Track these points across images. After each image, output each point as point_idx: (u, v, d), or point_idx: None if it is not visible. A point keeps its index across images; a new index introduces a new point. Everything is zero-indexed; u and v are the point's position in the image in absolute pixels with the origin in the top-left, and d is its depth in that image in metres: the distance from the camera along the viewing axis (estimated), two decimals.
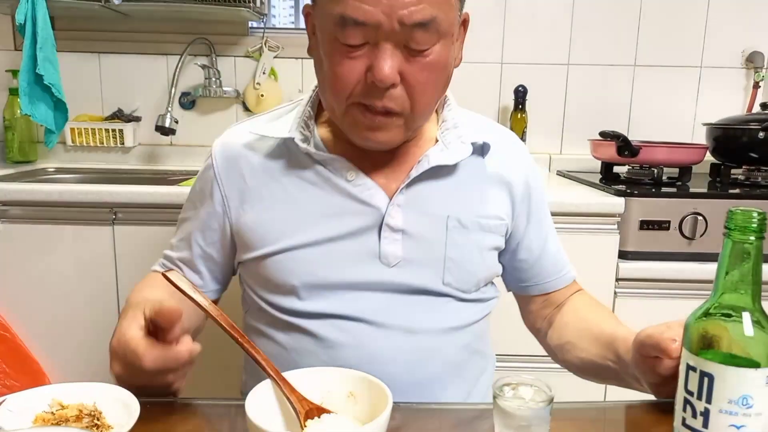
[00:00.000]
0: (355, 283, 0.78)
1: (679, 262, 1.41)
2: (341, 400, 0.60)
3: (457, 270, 0.80)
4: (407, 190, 0.79)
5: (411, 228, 0.79)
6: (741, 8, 1.87)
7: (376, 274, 0.78)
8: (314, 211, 0.79)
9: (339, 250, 0.78)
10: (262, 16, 1.81)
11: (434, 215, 0.80)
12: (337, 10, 0.66)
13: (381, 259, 0.78)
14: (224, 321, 0.61)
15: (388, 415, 0.52)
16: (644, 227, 1.42)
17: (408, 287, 0.79)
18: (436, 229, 0.80)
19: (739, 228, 0.50)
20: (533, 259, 0.89)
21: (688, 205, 1.41)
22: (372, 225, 0.78)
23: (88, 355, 1.46)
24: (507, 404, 0.57)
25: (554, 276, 0.91)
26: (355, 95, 0.70)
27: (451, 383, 0.81)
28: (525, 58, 1.90)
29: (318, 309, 0.78)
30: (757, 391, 0.50)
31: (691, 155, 1.60)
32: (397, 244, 0.78)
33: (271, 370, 0.59)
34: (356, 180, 0.78)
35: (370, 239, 0.78)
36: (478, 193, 0.83)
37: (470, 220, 0.81)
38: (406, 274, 0.79)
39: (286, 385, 0.58)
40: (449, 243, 0.80)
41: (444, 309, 0.81)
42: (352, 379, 0.60)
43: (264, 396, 0.57)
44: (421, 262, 0.79)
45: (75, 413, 0.58)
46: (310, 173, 0.79)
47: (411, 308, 0.79)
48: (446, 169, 0.80)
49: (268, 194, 0.80)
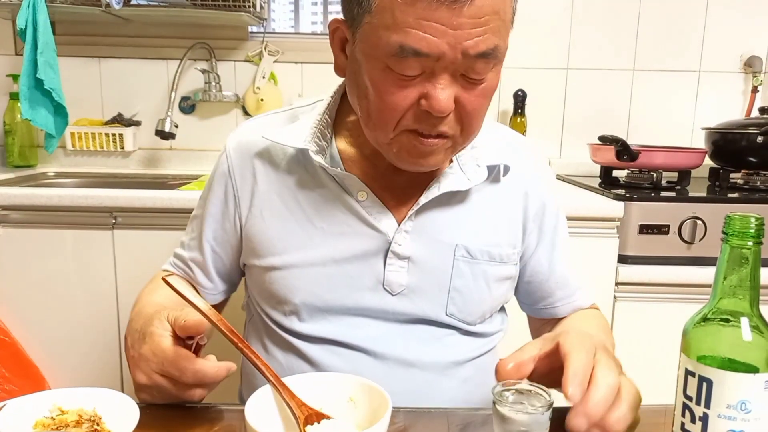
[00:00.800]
0: (356, 308, 0.77)
1: (679, 266, 1.41)
2: (341, 406, 0.60)
3: (462, 301, 0.78)
4: (417, 216, 0.76)
5: (418, 256, 0.76)
6: (739, 13, 1.87)
7: (378, 301, 0.77)
8: (322, 228, 0.77)
9: (343, 273, 0.76)
10: (262, 20, 1.81)
11: (442, 243, 0.77)
12: (395, 39, 0.60)
13: (385, 286, 0.76)
14: (224, 326, 0.61)
15: (387, 420, 0.52)
16: (644, 231, 1.42)
17: (410, 316, 0.78)
18: (443, 258, 0.77)
19: (737, 233, 0.50)
20: (539, 282, 0.86)
21: (688, 209, 1.41)
22: (378, 250, 0.76)
23: (88, 359, 1.46)
24: (506, 409, 0.57)
25: (563, 301, 0.87)
26: (406, 122, 0.66)
27: None
28: (524, 63, 1.90)
29: (317, 332, 0.77)
30: (755, 396, 0.50)
31: (690, 159, 1.61)
32: (402, 272, 0.76)
33: (271, 376, 0.59)
34: (366, 201, 0.76)
35: (376, 265, 0.76)
36: (491, 220, 0.79)
37: (480, 249, 0.78)
38: (409, 303, 0.77)
39: (286, 390, 0.58)
40: (455, 273, 0.77)
41: (446, 342, 0.79)
42: (351, 385, 0.60)
43: (264, 401, 0.57)
44: (425, 292, 0.77)
45: (75, 418, 0.58)
46: (321, 188, 0.77)
47: (412, 339, 0.78)
48: (459, 195, 0.77)
49: (278, 202, 0.78)
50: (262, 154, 0.80)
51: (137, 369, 0.64)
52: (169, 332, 0.63)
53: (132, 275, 1.43)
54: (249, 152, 0.80)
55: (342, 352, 0.77)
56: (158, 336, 0.63)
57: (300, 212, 0.77)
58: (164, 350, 0.62)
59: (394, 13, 0.60)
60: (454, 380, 0.79)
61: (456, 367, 0.79)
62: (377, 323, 0.77)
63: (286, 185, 0.78)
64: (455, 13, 0.58)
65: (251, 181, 0.79)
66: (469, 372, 0.81)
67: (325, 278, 0.76)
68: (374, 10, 0.61)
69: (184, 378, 0.61)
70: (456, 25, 0.59)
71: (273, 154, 0.79)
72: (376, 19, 0.61)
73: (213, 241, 0.83)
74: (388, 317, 0.77)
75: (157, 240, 1.40)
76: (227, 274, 0.86)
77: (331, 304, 0.77)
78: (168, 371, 0.62)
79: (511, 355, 0.61)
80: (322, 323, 0.77)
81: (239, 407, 0.54)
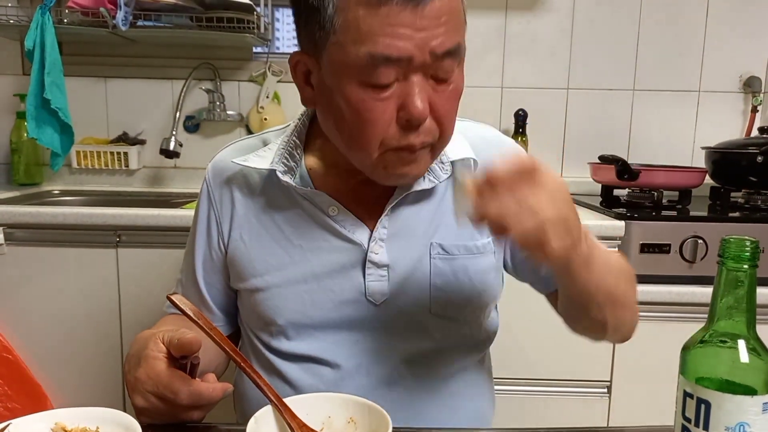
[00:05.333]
0: (342, 322, 0.77)
1: (680, 285, 1.41)
2: (341, 426, 0.60)
3: (446, 298, 0.78)
4: (389, 221, 0.76)
5: (396, 262, 0.77)
6: (738, 33, 1.89)
7: (363, 313, 0.77)
8: (300, 246, 0.77)
9: (325, 288, 0.77)
10: (266, 41, 1.84)
11: (417, 243, 0.77)
12: (363, 50, 0.61)
13: (368, 297, 0.77)
14: (227, 346, 0.61)
15: None
16: (645, 250, 1.42)
17: (396, 324, 0.78)
18: (420, 259, 0.77)
19: (733, 257, 0.51)
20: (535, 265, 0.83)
21: (689, 228, 1.42)
22: (356, 262, 0.76)
23: (91, 378, 1.46)
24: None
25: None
26: (389, 139, 0.66)
27: None
28: (525, 83, 1.92)
29: (306, 351, 0.78)
30: (754, 418, 0.50)
31: (690, 179, 1.61)
32: (383, 281, 0.77)
33: (273, 396, 0.59)
34: (338, 215, 0.76)
35: (356, 276, 0.76)
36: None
37: (455, 244, 0.78)
38: (393, 310, 0.77)
39: (287, 411, 0.58)
40: (434, 272, 0.77)
41: (434, 359, 0.79)
42: (352, 405, 0.60)
43: (265, 421, 0.58)
44: (407, 296, 0.77)
45: None
46: (295, 206, 0.78)
47: (399, 359, 0.78)
48: (428, 193, 0.77)
49: (255, 223, 0.79)
50: (237, 179, 0.81)
51: (135, 392, 0.64)
52: (164, 354, 0.63)
53: (136, 293, 1.43)
54: (225, 177, 0.82)
55: (325, 373, 0.77)
56: (152, 358, 0.63)
57: (278, 232, 0.78)
58: (158, 373, 0.62)
59: (359, 25, 0.61)
60: (441, 396, 0.79)
61: (445, 382, 0.80)
62: (364, 336, 0.77)
63: (262, 207, 0.79)
64: (418, 14, 0.60)
65: (230, 206, 0.81)
66: (458, 387, 0.81)
67: (308, 294, 0.77)
68: (338, 29, 0.62)
69: (179, 399, 0.61)
70: (420, 26, 0.60)
71: (248, 177, 0.80)
72: (342, 36, 0.62)
73: (204, 273, 0.84)
74: (376, 327, 0.77)
75: (160, 258, 1.41)
76: (225, 304, 0.87)
77: (317, 320, 0.77)
78: (163, 393, 0.62)
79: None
80: (310, 341, 0.78)
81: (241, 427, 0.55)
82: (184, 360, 0.64)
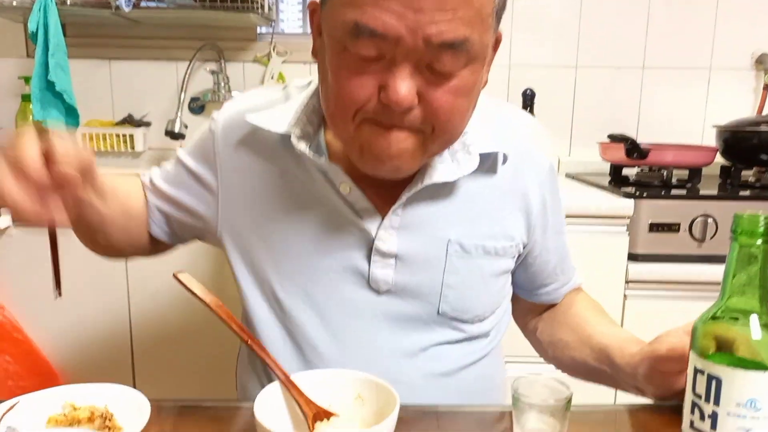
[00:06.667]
0: (341, 303, 0.74)
1: (689, 263, 1.41)
2: (349, 403, 0.60)
3: (455, 298, 0.75)
4: (403, 210, 0.72)
5: (407, 253, 0.72)
6: (750, 10, 1.86)
7: (364, 299, 0.74)
8: (306, 221, 0.73)
9: (327, 268, 0.73)
10: (270, 21, 1.82)
11: (433, 238, 0.73)
12: (350, 16, 0.56)
13: (370, 284, 0.73)
14: (235, 323, 0.61)
15: (395, 418, 0.52)
16: (654, 229, 1.41)
17: (398, 316, 0.74)
18: (435, 254, 0.73)
19: (746, 232, 0.50)
20: (543, 270, 0.84)
21: (698, 207, 1.40)
22: (361, 247, 0.72)
23: (100, 355, 1.47)
24: (527, 402, 0.58)
25: (564, 286, 0.87)
26: (365, 112, 0.61)
27: None
28: (533, 61, 1.90)
29: (305, 333, 0.75)
30: (765, 394, 0.50)
31: (700, 157, 1.60)
32: (389, 270, 0.72)
33: (280, 373, 0.59)
34: (350, 195, 0.71)
35: (360, 262, 0.73)
36: (486, 211, 0.74)
37: (474, 244, 0.74)
38: (397, 301, 0.74)
39: (294, 387, 0.58)
40: (448, 269, 0.73)
41: (432, 353, 0.76)
42: (359, 382, 0.60)
43: (272, 398, 0.58)
44: (414, 290, 0.73)
45: (87, 414, 0.59)
46: (306, 177, 0.73)
47: (401, 349, 0.75)
48: (449, 187, 0.72)
49: (260, 187, 0.74)
50: (250, 138, 0.75)
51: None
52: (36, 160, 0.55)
53: (143, 273, 1.44)
54: (235, 132, 0.76)
55: (325, 360, 0.74)
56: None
57: (284, 201, 0.74)
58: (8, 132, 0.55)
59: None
60: (440, 391, 0.76)
61: (446, 378, 0.77)
62: (362, 323, 0.74)
63: (270, 171, 0.74)
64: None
65: (232, 164, 0.76)
66: (466, 382, 0.78)
67: (310, 271, 0.73)
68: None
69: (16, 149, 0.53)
70: (418, 8, 0.54)
71: (260, 135, 0.74)
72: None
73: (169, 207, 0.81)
74: (376, 315, 0.74)
75: None
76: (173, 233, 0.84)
77: (316, 301, 0.74)
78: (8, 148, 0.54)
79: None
80: (310, 323, 0.74)
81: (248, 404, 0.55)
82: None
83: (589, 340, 0.80)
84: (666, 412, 0.68)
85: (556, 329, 0.86)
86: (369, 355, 0.74)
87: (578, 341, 0.82)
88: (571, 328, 0.84)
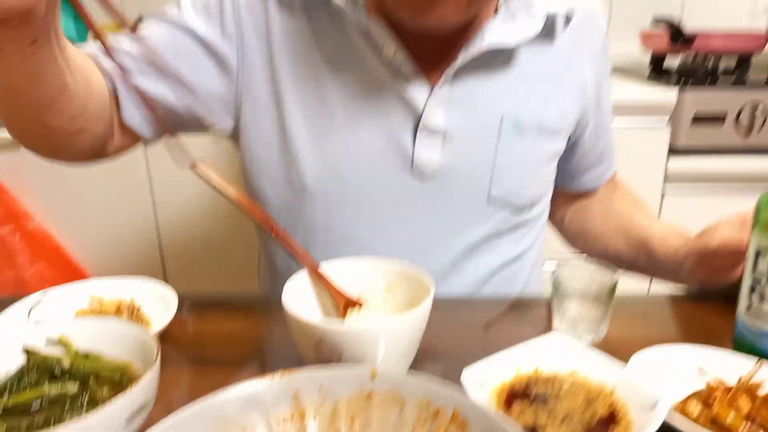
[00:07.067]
0: (379, 194, 0.66)
1: (734, 156, 1.33)
2: (381, 292, 0.58)
3: (507, 182, 0.68)
4: (454, 81, 0.64)
5: (455, 130, 0.64)
6: None
7: (405, 187, 0.66)
8: (342, 90, 0.64)
9: (364, 148, 0.64)
10: None
11: (486, 114, 0.65)
12: None
13: (414, 167, 0.65)
14: (257, 213, 0.57)
15: (429, 304, 0.50)
16: (698, 121, 1.33)
17: (446, 205, 0.67)
18: (486, 132, 0.66)
19: None
20: (589, 154, 0.78)
21: (746, 96, 1.31)
22: (406, 122, 0.64)
23: (128, 253, 1.50)
24: (569, 288, 0.55)
25: (606, 172, 0.81)
26: None
27: None
28: None
29: (327, 223, 0.67)
30: None
31: (750, 43, 1.47)
32: (436, 150, 0.65)
33: (308, 262, 0.57)
34: (394, 60, 0.62)
35: (403, 141, 0.64)
36: (543, 86, 0.67)
37: (530, 121, 0.66)
38: (443, 188, 0.66)
39: (323, 277, 0.56)
40: (501, 150, 0.66)
41: (484, 250, 0.70)
42: (391, 271, 0.57)
43: (301, 288, 0.55)
44: (463, 174, 0.66)
45: (114, 308, 0.58)
46: (343, 37, 0.63)
47: (445, 246, 0.68)
48: (505, 56, 0.65)
49: (287, 49, 0.64)
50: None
51: None
52: None
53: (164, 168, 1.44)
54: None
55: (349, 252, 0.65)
56: None
57: (314, 66, 0.64)
58: None
59: None
60: (489, 287, 0.73)
61: (495, 274, 0.72)
62: (406, 218, 0.67)
63: (301, 29, 0.64)
64: None
65: (254, 21, 0.64)
66: (507, 278, 0.74)
67: (342, 152, 0.65)
68: None
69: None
70: None
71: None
72: None
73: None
74: (420, 208, 0.67)
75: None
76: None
77: (350, 186, 0.66)
78: None
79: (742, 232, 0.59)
80: (342, 213, 0.67)
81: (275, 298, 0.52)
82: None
83: (626, 231, 0.76)
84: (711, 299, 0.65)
85: (588, 218, 0.82)
86: (410, 251, 0.67)
87: (613, 232, 0.78)
88: (605, 218, 0.80)
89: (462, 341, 0.58)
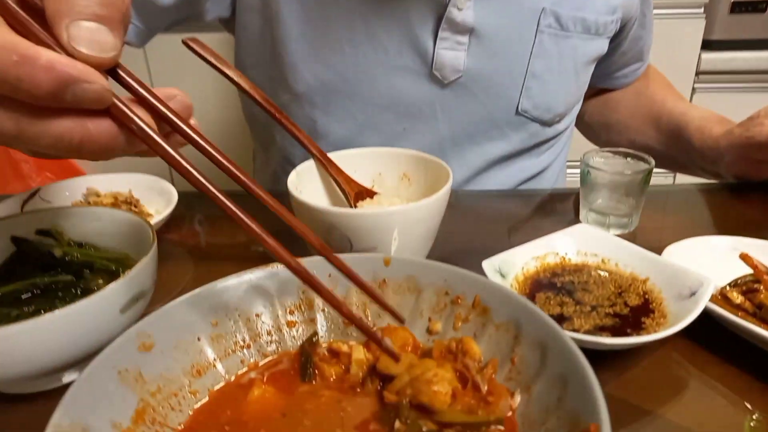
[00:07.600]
0: (391, 99, 0.58)
1: None
2: (394, 183, 0.54)
3: (541, 91, 0.60)
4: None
5: (486, 27, 0.55)
6: None
7: (424, 92, 0.58)
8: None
9: (377, 47, 0.56)
10: None
11: (522, 7, 0.56)
12: None
13: (434, 70, 0.57)
14: (258, 94, 0.52)
15: (447, 191, 0.45)
16: (736, 10, 1.22)
17: (463, 115, 0.60)
18: (521, 30, 0.57)
19: None
20: (629, 48, 0.70)
21: None
22: (427, 17, 0.55)
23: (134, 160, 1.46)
24: (599, 174, 0.51)
25: (640, 66, 0.74)
26: None
27: None
28: None
29: (332, 131, 0.60)
30: None
31: None
32: (461, 51, 0.56)
33: (316, 151, 0.52)
34: None
35: (423, 38, 0.55)
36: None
37: (573, 17, 0.58)
38: (464, 95, 0.58)
39: (333, 165, 0.52)
40: (536, 51, 0.58)
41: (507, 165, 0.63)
42: (405, 160, 0.53)
43: (308, 176, 0.51)
44: (491, 79, 0.58)
45: (110, 201, 0.55)
46: None
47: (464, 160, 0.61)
48: None
49: None
50: None
51: None
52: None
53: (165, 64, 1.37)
54: None
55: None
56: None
57: None
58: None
59: None
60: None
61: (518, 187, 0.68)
62: (418, 125, 0.60)
63: None
64: None
65: None
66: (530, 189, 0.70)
67: (351, 49, 0.56)
68: None
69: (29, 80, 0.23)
70: None
71: None
72: None
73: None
74: (436, 115, 0.60)
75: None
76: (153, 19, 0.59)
77: (357, 89, 0.58)
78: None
79: None
80: (346, 121, 0.60)
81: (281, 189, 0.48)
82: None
83: (657, 118, 0.71)
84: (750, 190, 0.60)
85: (613, 110, 0.76)
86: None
87: (640, 122, 0.73)
88: (632, 110, 0.74)
89: (483, 235, 0.55)
